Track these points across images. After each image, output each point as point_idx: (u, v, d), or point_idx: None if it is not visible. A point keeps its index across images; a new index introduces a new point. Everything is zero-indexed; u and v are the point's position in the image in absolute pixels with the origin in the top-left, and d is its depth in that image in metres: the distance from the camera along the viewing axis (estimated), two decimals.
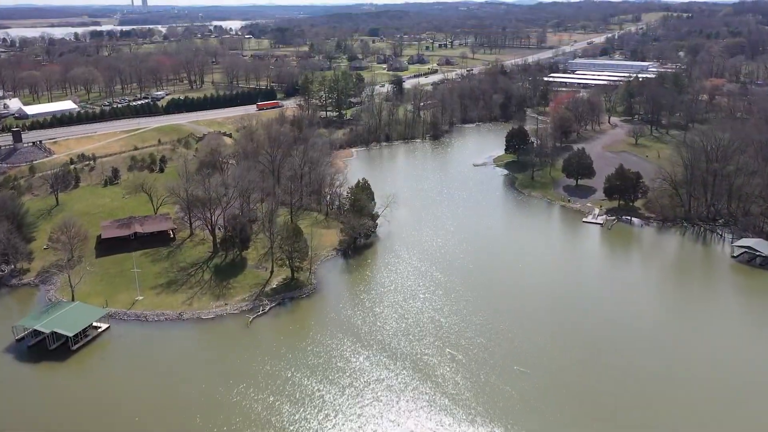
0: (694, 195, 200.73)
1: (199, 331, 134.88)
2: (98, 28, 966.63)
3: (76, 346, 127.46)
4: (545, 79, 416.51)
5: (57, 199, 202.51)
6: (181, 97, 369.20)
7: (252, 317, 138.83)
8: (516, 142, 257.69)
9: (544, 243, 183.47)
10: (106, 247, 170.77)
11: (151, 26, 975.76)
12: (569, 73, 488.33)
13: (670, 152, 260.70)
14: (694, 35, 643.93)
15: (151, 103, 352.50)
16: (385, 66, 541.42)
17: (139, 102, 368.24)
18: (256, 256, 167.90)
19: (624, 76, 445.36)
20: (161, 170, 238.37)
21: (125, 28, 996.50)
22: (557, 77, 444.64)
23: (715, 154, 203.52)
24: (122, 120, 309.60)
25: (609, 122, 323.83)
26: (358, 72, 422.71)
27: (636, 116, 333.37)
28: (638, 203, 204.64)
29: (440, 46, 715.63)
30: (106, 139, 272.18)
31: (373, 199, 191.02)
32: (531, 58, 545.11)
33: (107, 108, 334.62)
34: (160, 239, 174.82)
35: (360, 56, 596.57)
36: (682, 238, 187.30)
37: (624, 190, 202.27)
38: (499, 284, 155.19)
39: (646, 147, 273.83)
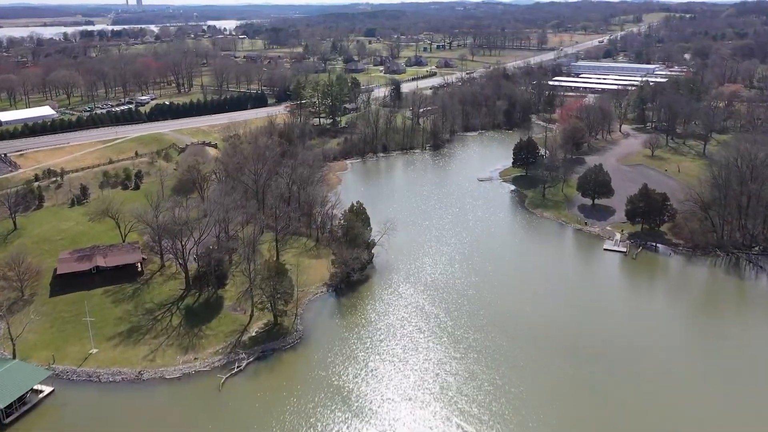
0: (727, 219, 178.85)
1: (160, 395, 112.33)
2: (89, 28, 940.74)
3: (10, 418, 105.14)
4: (550, 83, 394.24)
5: (15, 222, 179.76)
6: (166, 103, 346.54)
7: (224, 377, 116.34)
8: (524, 155, 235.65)
9: (562, 275, 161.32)
10: (64, 282, 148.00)
11: (143, 26, 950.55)
12: (573, 77, 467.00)
13: (689, 165, 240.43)
14: (699, 36, 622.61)
15: (134, 108, 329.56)
16: (381, 68, 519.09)
17: (122, 107, 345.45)
18: (234, 293, 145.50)
19: (631, 80, 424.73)
20: (137, 187, 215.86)
21: (116, 28, 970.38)
22: (561, 81, 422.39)
23: (749, 172, 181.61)
24: (101, 128, 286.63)
25: (620, 131, 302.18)
26: (354, 76, 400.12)
27: (649, 124, 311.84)
28: (664, 227, 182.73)
29: (438, 47, 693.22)
30: (79, 150, 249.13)
31: (369, 225, 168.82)
32: (533, 60, 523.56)
33: (87, 114, 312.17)
34: (125, 273, 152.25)
35: (356, 58, 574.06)
36: (716, 268, 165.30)
37: (648, 213, 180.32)
38: (513, 328, 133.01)
39: (663, 159, 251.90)
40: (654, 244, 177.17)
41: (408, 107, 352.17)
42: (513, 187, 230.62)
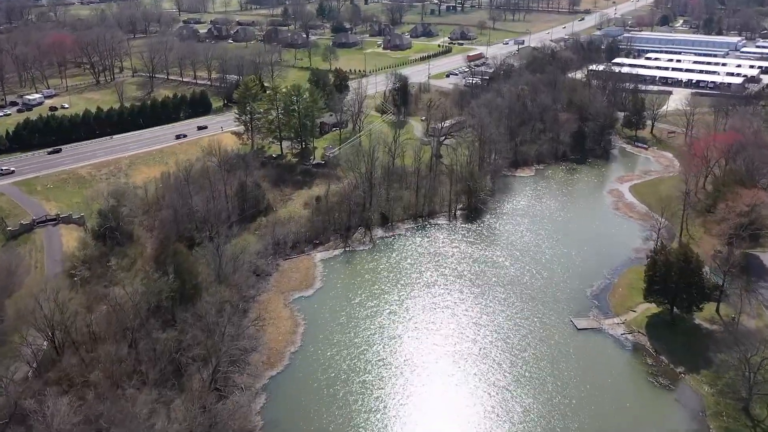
0: None
1: None
2: None
3: None
4: (620, 68, 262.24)
5: None
6: (60, 108, 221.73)
7: None
8: (670, 281, 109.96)
9: None
10: None
11: None
12: (633, 57, 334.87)
13: None
14: None
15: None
16: (380, 41, 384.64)
17: None
18: None
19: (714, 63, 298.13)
20: None
21: None
22: (626, 66, 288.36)
23: None
24: None
25: None
26: (339, 68, 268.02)
27: None
28: None
29: (449, 8, 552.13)
30: None
31: None
32: (574, 29, 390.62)
33: None
34: None
35: (347, 25, 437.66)
36: None
37: None
38: None
39: None
40: None
41: (419, 115, 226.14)
42: (652, 350, 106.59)
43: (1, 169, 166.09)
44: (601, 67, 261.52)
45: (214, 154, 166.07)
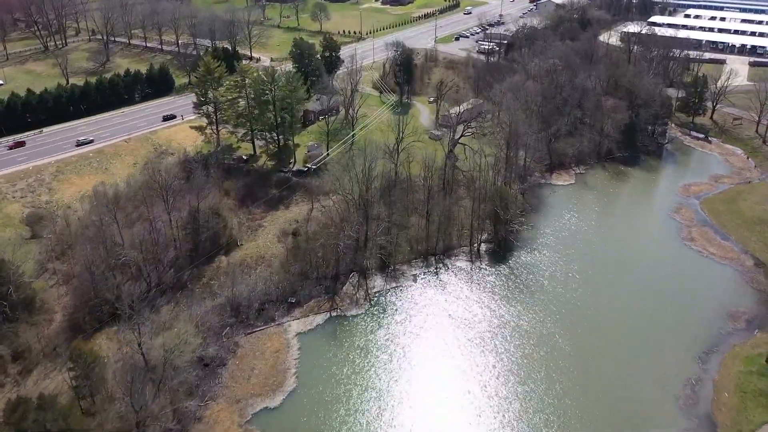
0: None
1: None
2: None
3: None
4: (659, 30, 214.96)
5: None
6: None
7: None
8: None
9: None
10: None
11: None
12: (670, 14, 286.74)
13: None
14: None
15: None
16: None
17: None
18: None
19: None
20: None
21: None
22: (660, 24, 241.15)
23: None
24: None
25: None
26: (331, 37, 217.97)
27: None
28: None
29: None
30: None
31: None
32: None
33: None
34: None
35: None
36: None
37: None
38: None
39: None
40: None
41: (426, 95, 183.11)
42: None
43: None
44: (643, 30, 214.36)
45: (168, 154, 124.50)
